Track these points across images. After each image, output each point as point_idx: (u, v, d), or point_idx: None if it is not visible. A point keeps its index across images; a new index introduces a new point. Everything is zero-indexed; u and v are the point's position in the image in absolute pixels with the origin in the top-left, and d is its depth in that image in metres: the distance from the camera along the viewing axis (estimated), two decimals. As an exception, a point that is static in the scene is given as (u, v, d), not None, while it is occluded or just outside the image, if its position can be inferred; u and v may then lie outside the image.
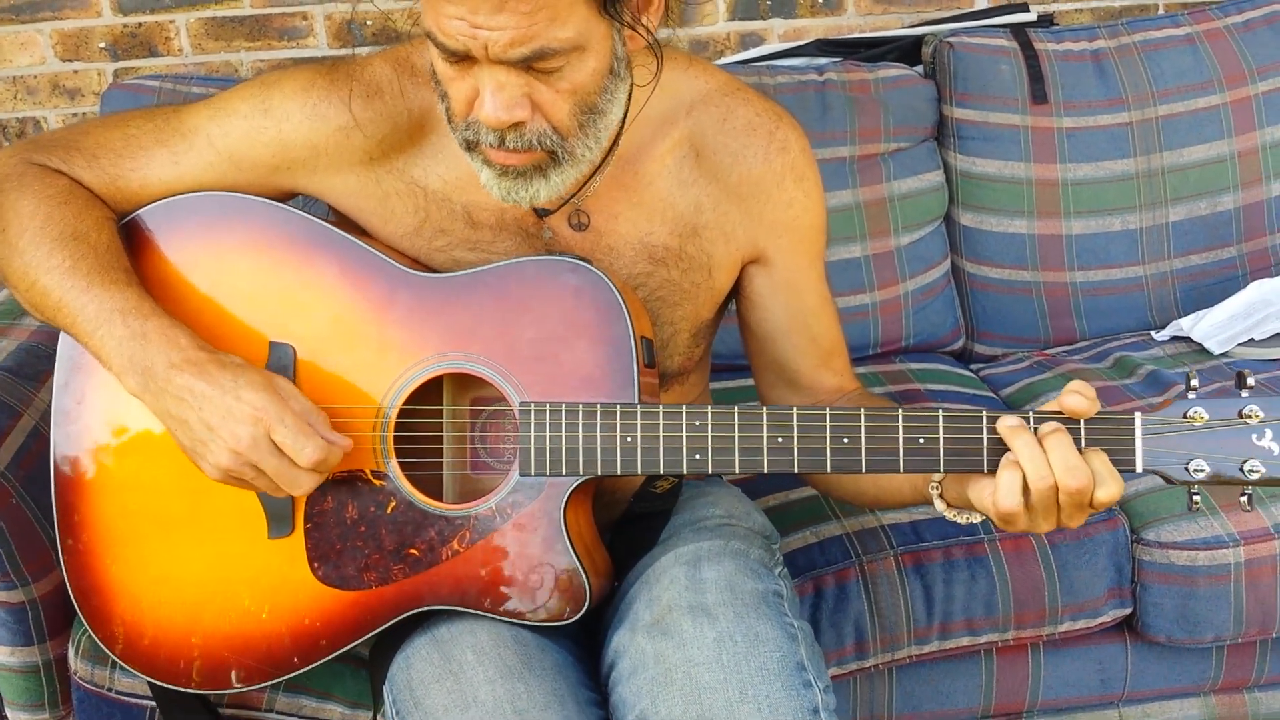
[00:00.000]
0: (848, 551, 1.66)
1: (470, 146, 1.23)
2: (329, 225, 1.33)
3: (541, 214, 1.35)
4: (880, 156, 2.17)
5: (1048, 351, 2.21)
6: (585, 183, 1.33)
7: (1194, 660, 1.76)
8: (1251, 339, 2.08)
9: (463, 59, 1.17)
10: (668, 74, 1.34)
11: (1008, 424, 1.16)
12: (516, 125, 1.19)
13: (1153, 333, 2.20)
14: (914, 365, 2.15)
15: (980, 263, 2.22)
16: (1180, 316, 2.21)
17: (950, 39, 2.23)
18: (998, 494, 1.15)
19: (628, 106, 1.30)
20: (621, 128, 1.31)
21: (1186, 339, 2.16)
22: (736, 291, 1.44)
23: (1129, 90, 2.21)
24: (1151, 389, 1.99)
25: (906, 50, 2.36)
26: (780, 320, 1.42)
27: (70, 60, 2.55)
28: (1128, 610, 1.70)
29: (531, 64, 1.15)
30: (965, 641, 1.67)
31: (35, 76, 2.55)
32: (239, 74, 2.56)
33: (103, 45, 2.54)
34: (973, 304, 2.24)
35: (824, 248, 1.44)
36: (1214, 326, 2.12)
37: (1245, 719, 1.80)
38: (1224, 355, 2.08)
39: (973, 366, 2.21)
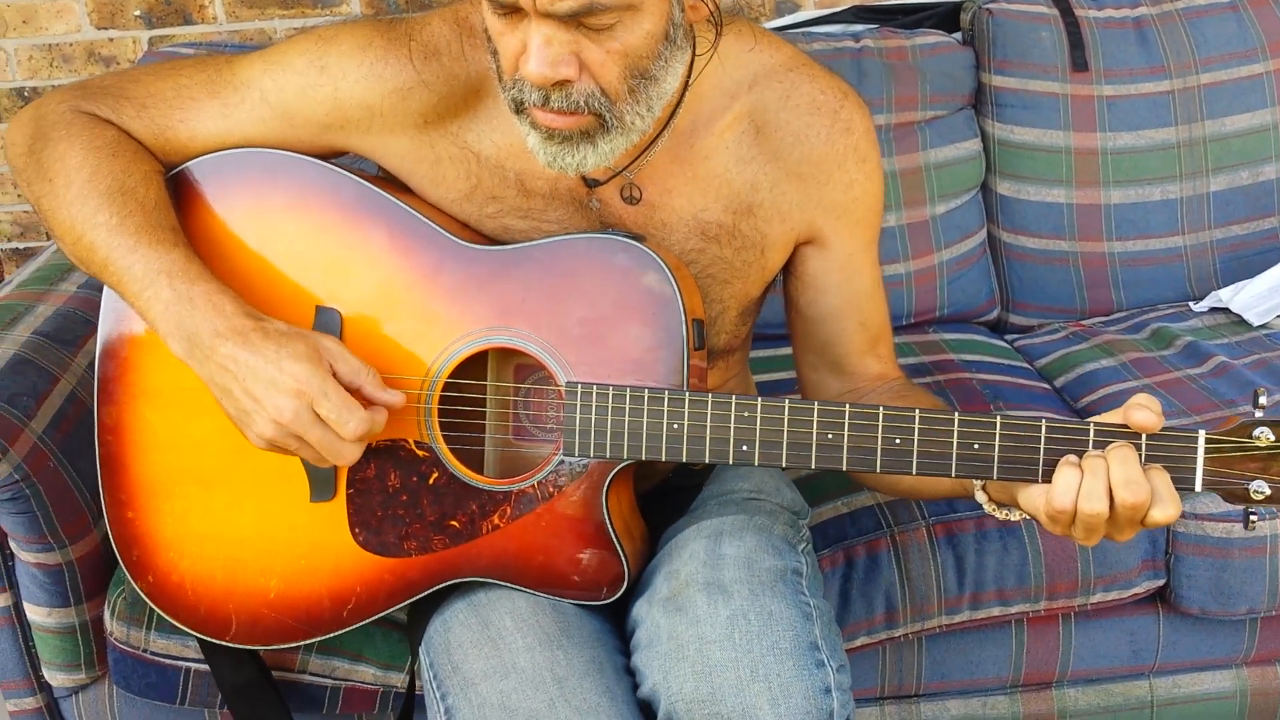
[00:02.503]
0: (879, 521, 1.65)
1: (519, 108, 1.19)
2: (379, 190, 1.31)
3: (591, 184, 1.32)
4: (917, 124, 2.15)
5: (1084, 322, 2.18)
6: (639, 155, 1.30)
7: (1227, 632, 1.75)
8: (1292, 311, 2.06)
9: (512, 12, 1.14)
10: (731, 47, 1.30)
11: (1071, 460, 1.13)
12: (562, 84, 1.15)
13: (1191, 304, 2.18)
14: (948, 335, 2.13)
15: (1017, 232, 2.20)
16: (1219, 288, 2.17)
17: (989, 5, 2.20)
18: (1053, 491, 1.12)
19: (687, 78, 1.26)
20: (680, 101, 1.28)
21: (1225, 310, 2.13)
22: (787, 271, 1.41)
23: (1171, 58, 2.17)
24: (1189, 360, 1.96)
25: (944, 17, 2.33)
26: (832, 303, 1.39)
27: (105, 28, 2.56)
28: (1161, 582, 1.69)
29: (581, 19, 1.12)
30: (996, 612, 1.67)
31: (71, 44, 2.57)
32: (272, 42, 2.56)
33: (137, 13, 2.55)
34: (1009, 274, 2.22)
35: (879, 230, 1.41)
36: (1254, 298, 2.10)
37: (1277, 691, 1.78)
38: (1263, 327, 2.05)
39: (1007, 337, 2.19)
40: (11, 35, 2.55)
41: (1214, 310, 2.15)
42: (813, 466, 1.20)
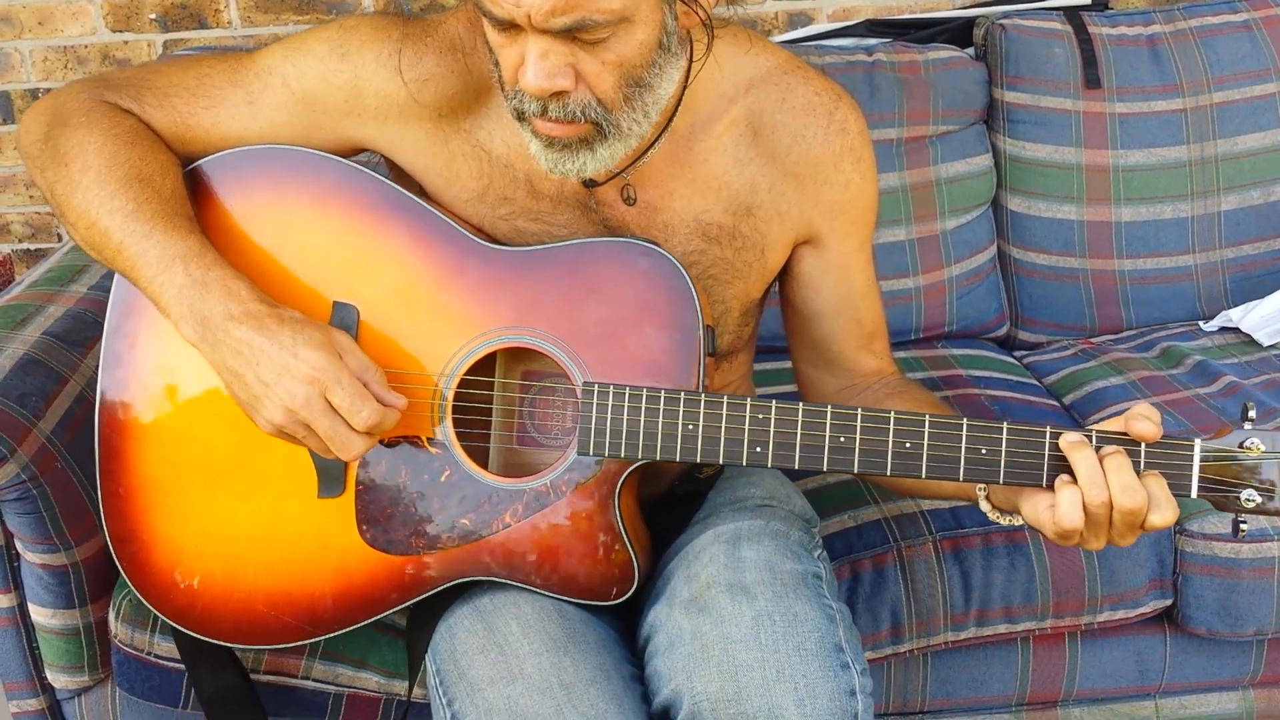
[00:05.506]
0: (886, 536, 1.65)
1: (520, 116, 1.22)
2: (401, 189, 1.31)
3: (589, 184, 1.33)
4: (928, 139, 2.15)
5: (1093, 340, 2.18)
6: (637, 158, 1.32)
7: (1234, 653, 1.74)
8: (1303, 331, 2.05)
9: (510, 26, 1.16)
10: (727, 51, 1.32)
11: (1070, 439, 1.16)
12: (559, 95, 1.17)
13: (1201, 323, 2.17)
14: (957, 351, 2.13)
15: (1027, 248, 2.20)
16: (1230, 307, 2.17)
17: (1003, 21, 2.20)
18: (1059, 511, 1.15)
19: (685, 83, 1.28)
20: (677, 105, 1.30)
21: (1235, 330, 2.13)
22: (783, 269, 1.43)
23: (1184, 76, 2.17)
24: (1199, 379, 1.96)
25: (957, 32, 2.33)
26: (827, 301, 1.41)
27: (121, 31, 2.57)
28: (1168, 601, 1.68)
29: (575, 34, 1.14)
30: (1002, 629, 1.66)
31: (86, 46, 2.57)
32: (287, 46, 2.57)
33: (153, 16, 2.56)
34: (1018, 290, 2.22)
35: (874, 229, 1.43)
36: (1264, 318, 2.09)
37: (1286, 715, 1.78)
38: (1273, 347, 2.05)
39: (1016, 353, 2.19)
40: (27, 36, 2.56)
41: (1224, 330, 2.14)
42: (824, 469, 1.21)
